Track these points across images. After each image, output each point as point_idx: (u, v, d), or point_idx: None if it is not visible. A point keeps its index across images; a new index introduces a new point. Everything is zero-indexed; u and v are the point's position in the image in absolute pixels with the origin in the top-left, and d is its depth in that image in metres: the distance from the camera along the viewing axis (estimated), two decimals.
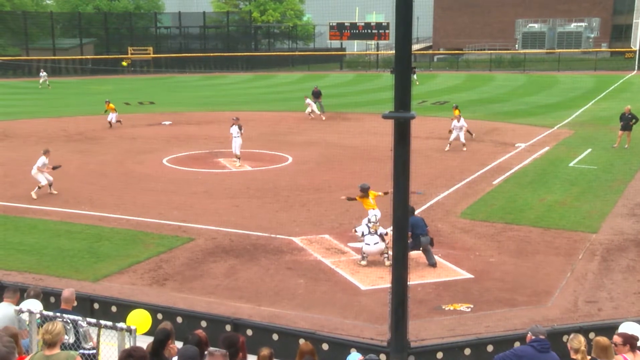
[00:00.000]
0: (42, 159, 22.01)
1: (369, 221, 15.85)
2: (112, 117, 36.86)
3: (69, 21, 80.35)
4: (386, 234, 15.40)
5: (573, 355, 7.66)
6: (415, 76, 59.73)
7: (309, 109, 41.01)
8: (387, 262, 15.38)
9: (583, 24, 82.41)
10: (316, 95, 42.31)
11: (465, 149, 29.26)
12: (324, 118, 40.44)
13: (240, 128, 26.86)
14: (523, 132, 33.93)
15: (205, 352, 7.13)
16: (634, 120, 29.14)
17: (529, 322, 11.76)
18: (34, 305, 9.99)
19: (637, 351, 7.91)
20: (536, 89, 55.37)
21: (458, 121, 29.59)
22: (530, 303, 13.58)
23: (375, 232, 15.68)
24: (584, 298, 13.79)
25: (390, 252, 15.29)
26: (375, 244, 15.59)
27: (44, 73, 63.18)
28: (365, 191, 16.64)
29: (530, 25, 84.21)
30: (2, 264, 14.75)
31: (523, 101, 47.43)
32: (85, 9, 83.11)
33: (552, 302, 13.61)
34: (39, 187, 21.90)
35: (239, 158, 26.81)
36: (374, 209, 16.10)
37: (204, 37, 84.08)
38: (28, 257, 16.27)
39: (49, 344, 7.06)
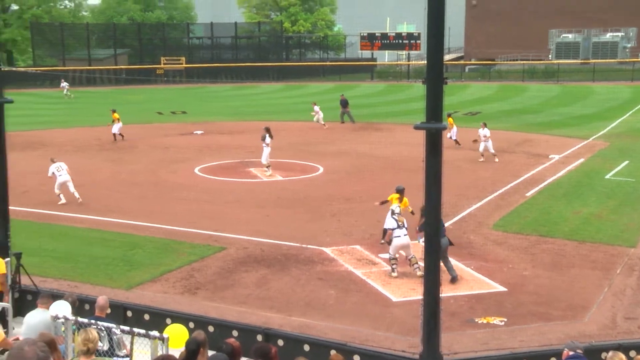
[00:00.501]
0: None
1: (393, 212, 15.82)
2: (116, 128, 35.74)
3: (104, 32, 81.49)
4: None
5: None
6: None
7: (315, 117, 40.90)
8: (419, 273, 15.22)
9: (619, 34, 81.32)
10: (343, 104, 42.33)
11: (497, 159, 28.99)
12: (325, 127, 40.36)
13: (263, 138, 26.65)
14: (557, 144, 33.58)
15: None
16: None
17: (564, 338, 11.61)
18: (63, 306, 10.11)
19: None
20: (570, 99, 54.78)
21: (483, 129, 29.21)
22: (566, 318, 13.39)
23: (403, 225, 15.61)
24: (622, 314, 13.53)
25: (421, 263, 15.29)
26: (404, 235, 15.48)
27: (65, 83, 62.95)
28: (401, 192, 16.77)
29: (564, 35, 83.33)
30: (38, 270, 14.93)
31: (557, 112, 46.97)
32: (119, 20, 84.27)
33: (588, 318, 13.38)
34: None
35: (268, 167, 26.74)
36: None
37: (236, 47, 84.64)
38: (63, 264, 16.48)
39: (86, 352, 7.15)
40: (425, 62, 10.06)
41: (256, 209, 21.68)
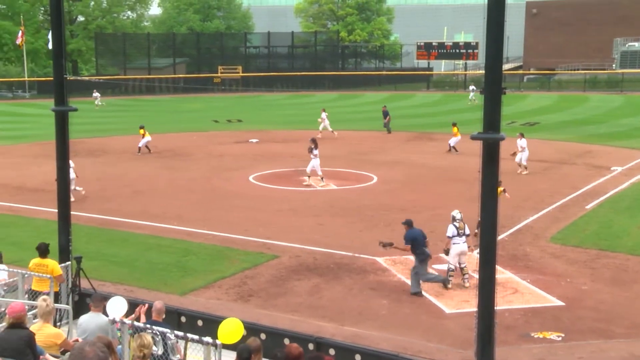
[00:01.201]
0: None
1: (454, 219, 15.66)
2: (142, 142, 35.11)
3: (163, 42, 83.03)
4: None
5: None
6: (472, 95, 58.95)
7: (322, 125, 40.69)
8: (466, 284, 15.28)
9: None
10: (385, 114, 42.33)
11: (526, 172, 28.39)
12: (335, 134, 40.17)
13: (310, 150, 26.76)
14: (620, 155, 32.81)
15: None
16: None
17: (628, 357, 11.34)
18: (119, 303, 10.23)
19: None
20: (635, 110, 53.47)
21: (520, 139, 28.55)
22: (630, 336, 13.03)
23: (464, 233, 15.52)
24: None
25: (470, 273, 15.11)
26: (464, 242, 15.44)
27: (97, 93, 62.84)
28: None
29: (629, 44, 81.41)
30: (97, 274, 15.25)
31: (620, 123, 45.92)
32: (179, 29, 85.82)
33: None
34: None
35: (322, 177, 26.82)
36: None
37: (292, 56, 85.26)
38: (120, 268, 16.80)
39: (141, 357, 7.28)
40: (483, 71, 9.99)
41: (309, 218, 21.76)
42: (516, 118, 47.05)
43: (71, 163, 24.09)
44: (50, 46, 48.26)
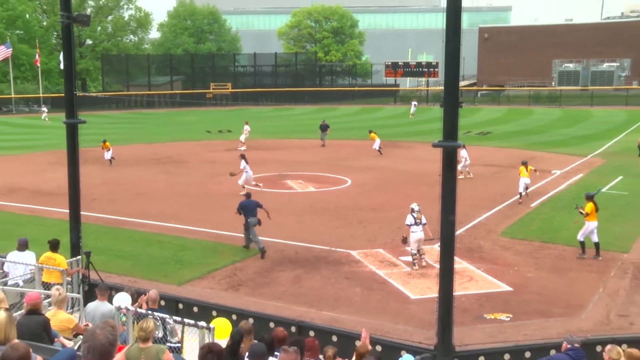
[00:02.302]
0: None
1: (413, 210, 16.23)
2: (107, 155, 33.31)
3: (162, 62, 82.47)
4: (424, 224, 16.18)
5: None
6: (414, 109, 58.85)
7: (243, 136, 39.91)
8: (423, 263, 16.20)
9: (615, 64, 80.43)
10: (324, 128, 41.47)
11: (470, 176, 28.20)
12: (243, 148, 38.80)
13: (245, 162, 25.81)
14: (559, 161, 33.18)
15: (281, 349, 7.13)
16: None
17: (563, 332, 11.48)
18: (124, 297, 10.22)
19: None
20: (571, 122, 54.08)
21: (462, 150, 27.74)
22: (565, 315, 13.24)
23: (420, 222, 16.10)
24: (616, 312, 13.35)
25: (431, 262, 15.25)
26: (420, 231, 16.07)
27: (45, 108, 59.51)
28: (525, 164, 17.02)
29: (565, 65, 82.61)
30: (104, 267, 15.13)
31: (559, 133, 46.41)
32: (175, 51, 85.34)
33: (585, 315, 13.23)
34: None
35: (257, 184, 26.13)
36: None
37: (275, 74, 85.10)
38: (125, 262, 16.72)
39: (143, 339, 7.24)
40: (443, 88, 10.08)
41: (291, 217, 21.75)
42: (471, 128, 47.40)
43: None
44: (62, 66, 47.99)
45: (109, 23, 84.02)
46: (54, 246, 13.34)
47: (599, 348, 9.95)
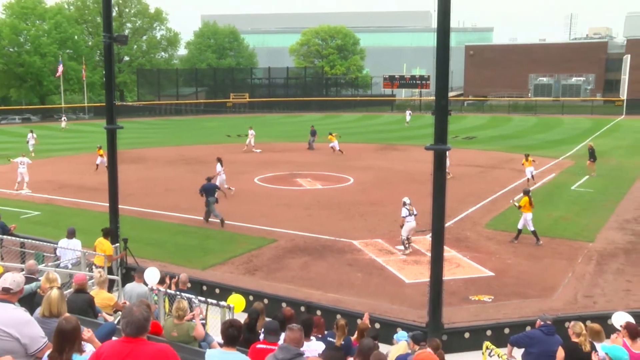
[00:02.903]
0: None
1: (405, 204, 16.33)
2: (99, 160, 30.20)
3: (188, 75, 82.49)
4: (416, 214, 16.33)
5: (575, 339, 7.40)
6: (409, 118, 58.46)
7: (248, 140, 39.44)
8: (409, 251, 16.28)
9: (582, 79, 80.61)
10: (313, 133, 40.28)
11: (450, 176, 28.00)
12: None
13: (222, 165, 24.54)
14: (533, 171, 32.92)
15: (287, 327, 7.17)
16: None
17: (537, 311, 11.44)
18: (154, 272, 10.22)
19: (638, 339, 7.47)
20: (545, 128, 53.80)
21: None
22: (539, 296, 13.23)
23: (413, 213, 16.22)
24: (582, 293, 13.34)
25: (422, 250, 15.23)
26: (413, 220, 16.18)
27: (64, 117, 57.87)
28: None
29: (540, 78, 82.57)
30: (138, 253, 15.14)
31: (534, 137, 46.18)
32: (200, 65, 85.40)
33: (556, 296, 13.22)
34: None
35: (230, 188, 24.48)
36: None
37: (287, 85, 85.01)
38: (155, 249, 16.76)
39: (177, 317, 7.29)
40: (434, 98, 10.07)
41: (301, 210, 21.77)
42: (458, 133, 47.24)
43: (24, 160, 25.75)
44: (104, 79, 48.07)
45: (143, 42, 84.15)
46: (106, 234, 13.46)
47: (567, 324, 9.93)
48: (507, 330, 10.85)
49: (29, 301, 7.44)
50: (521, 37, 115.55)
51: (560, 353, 7.34)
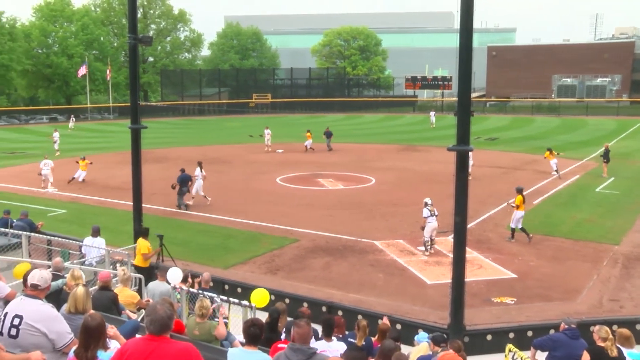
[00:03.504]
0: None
1: (426, 204, 16.29)
2: (80, 173, 27.78)
3: (211, 75, 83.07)
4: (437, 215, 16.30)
5: (600, 343, 7.25)
6: (433, 119, 57.49)
7: (267, 139, 39.06)
8: (432, 250, 16.22)
9: (607, 79, 79.14)
10: (328, 135, 39.49)
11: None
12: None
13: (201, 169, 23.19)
14: (558, 163, 32.50)
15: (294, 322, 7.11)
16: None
17: (561, 315, 11.26)
18: (176, 272, 10.29)
19: None
20: (568, 129, 53.05)
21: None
22: (563, 299, 13.03)
23: (434, 213, 16.18)
24: (608, 297, 13.09)
25: (444, 252, 15.11)
26: (435, 220, 16.13)
27: (73, 119, 56.86)
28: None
29: (564, 79, 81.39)
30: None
31: (558, 139, 45.50)
32: (223, 66, 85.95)
33: (580, 299, 13.01)
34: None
35: (205, 197, 22.89)
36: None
37: (309, 86, 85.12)
38: (178, 248, 16.80)
39: (200, 316, 7.33)
40: (457, 98, 9.98)
41: (322, 210, 21.75)
42: (481, 134, 46.81)
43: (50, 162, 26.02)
44: (128, 80, 48.58)
45: (167, 43, 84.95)
46: (143, 233, 13.59)
47: (592, 328, 9.76)
48: (530, 333, 10.71)
49: (56, 298, 7.55)
50: (544, 37, 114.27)
51: (586, 357, 7.20)
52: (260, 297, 9.03)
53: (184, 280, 10.41)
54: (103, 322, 4.87)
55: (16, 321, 5.08)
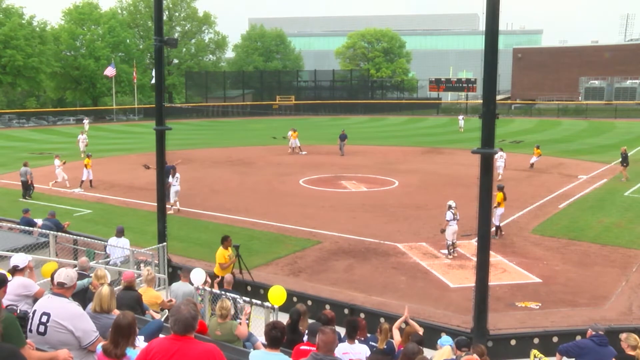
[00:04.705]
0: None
1: (450, 207, 16.16)
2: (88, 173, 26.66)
3: (235, 77, 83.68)
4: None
5: (630, 352, 7.09)
6: (462, 122, 56.18)
7: (291, 141, 38.79)
8: (455, 254, 16.11)
9: (637, 81, 77.47)
10: (342, 137, 38.40)
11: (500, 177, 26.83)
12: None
13: (173, 175, 21.83)
14: (585, 167, 32.05)
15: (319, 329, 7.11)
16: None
17: (588, 321, 11.07)
18: (200, 273, 10.33)
19: None
20: (596, 132, 52.17)
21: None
22: (590, 305, 12.80)
23: (457, 217, 16.12)
24: (637, 304, 12.83)
25: (468, 255, 14.96)
26: (456, 224, 16.08)
27: (87, 120, 54.73)
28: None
29: (591, 81, 79.99)
30: (185, 253, 15.43)
31: (585, 142, 44.84)
32: (247, 68, 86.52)
33: (608, 306, 12.76)
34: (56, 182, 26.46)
35: (175, 203, 21.79)
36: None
37: (333, 88, 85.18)
38: (202, 249, 16.97)
39: (221, 316, 7.37)
40: (481, 101, 9.89)
41: (345, 212, 21.71)
42: (505, 137, 46.28)
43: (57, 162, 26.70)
44: (153, 82, 49.10)
45: (192, 45, 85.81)
46: (222, 242, 13.27)
47: (621, 336, 9.57)
48: (555, 339, 10.54)
49: (82, 297, 7.67)
50: (572, 39, 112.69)
51: None
52: (277, 295, 9.03)
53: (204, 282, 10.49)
54: (134, 320, 4.95)
55: (44, 318, 5.19)
